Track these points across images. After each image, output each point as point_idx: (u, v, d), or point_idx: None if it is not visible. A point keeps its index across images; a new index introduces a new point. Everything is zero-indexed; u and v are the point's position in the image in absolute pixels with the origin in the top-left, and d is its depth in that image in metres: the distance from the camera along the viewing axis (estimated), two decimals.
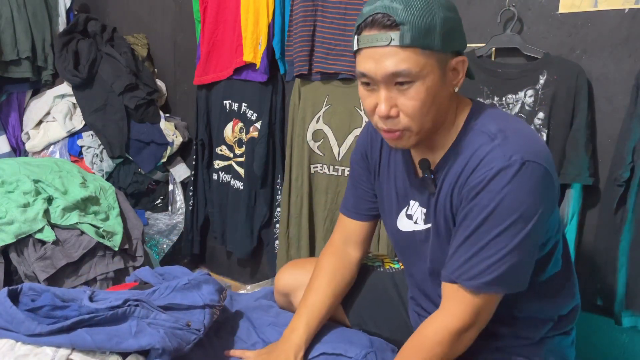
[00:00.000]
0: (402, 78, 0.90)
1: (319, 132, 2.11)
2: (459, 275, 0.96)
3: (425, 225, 1.08)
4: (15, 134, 2.65)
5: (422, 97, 0.92)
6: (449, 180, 1.00)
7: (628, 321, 1.49)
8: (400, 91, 0.92)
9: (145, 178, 2.66)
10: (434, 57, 0.90)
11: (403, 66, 0.89)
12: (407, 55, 0.89)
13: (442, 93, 0.95)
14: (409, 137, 0.97)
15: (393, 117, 0.94)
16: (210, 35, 2.37)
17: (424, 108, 0.93)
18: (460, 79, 0.97)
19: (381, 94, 0.93)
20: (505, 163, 0.90)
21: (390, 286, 1.33)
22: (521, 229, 0.91)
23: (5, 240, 1.63)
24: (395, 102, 0.93)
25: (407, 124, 0.95)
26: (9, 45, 2.44)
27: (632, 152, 1.45)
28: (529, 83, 1.59)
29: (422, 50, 0.89)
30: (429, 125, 0.96)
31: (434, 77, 0.92)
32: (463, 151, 0.98)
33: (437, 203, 1.03)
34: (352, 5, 1.94)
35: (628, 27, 1.49)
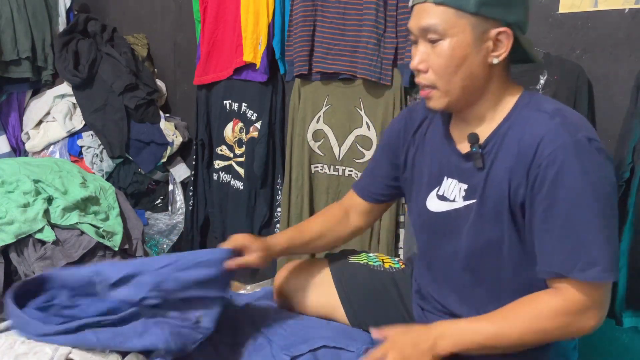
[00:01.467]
0: (432, 34, 0.96)
1: (319, 132, 2.11)
2: (571, 268, 0.91)
3: (466, 202, 1.05)
4: (15, 134, 2.65)
5: (448, 55, 0.95)
6: (504, 155, 0.98)
7: (629, 322, 1.49)
8: (432, 48, 0.97)
9: (145, 178, 2.66)
10: (466, 18, 0.94)
11: (432, 21, 0.95)
12: (439, 11, 0.94)
13: (475, 59, 0.96)
14: (438, 97, 1.01)
15: (422, 71, 1.00)
16: (210, 35, 2.37)
17: (449, 67, 0.96)
18: (503, 52, 0.97)
19: (418, 48, 1.00)
20: (573, 139, 0.90)
21: (390, 286, 1.32)
22: (607, 205, 0.91)
23: (5, 240, 1.63)
24: (428, 57, 0.98)
25: (433, 81, 0.99)
26: (9, 45, 2.44)
27: (632, 152, 1.45)
28: (529, 83, 1.58)
29: (456, 11, 0.93)
30: (457, 89, 0.99)
31: (464, 39, 0.95)
32: (518, 127, 0.97)
33: (487, 178, 1.00)
34: (351, 5, 1.94)
35: (628, 27, 1.49)
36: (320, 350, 1.15)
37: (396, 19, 1.87)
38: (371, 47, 1.89)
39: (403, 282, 1.32)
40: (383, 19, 1.88)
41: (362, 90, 2.00)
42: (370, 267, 1.35)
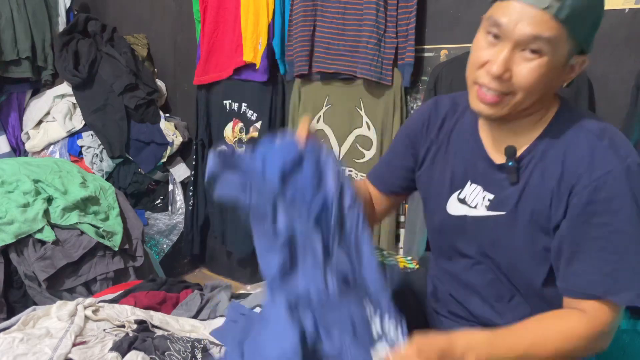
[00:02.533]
0: (537, 46, 0.87)
1: (320, 132, 2.11)
2: (605, 290, 0.90)
3: (490, 212, 1.02)
4: (15, 134, 2.65)
5: (544, 72, 0.88)
6: (543, 173, 0.95)
7: (625, 323, 1.49)
8: (524, 58, 0.89)
9: (145, 178, 2.66)
10: (571, 43, 0.89)
11: (547, 32, 0.86)
12: (556, 27, 0.86)
13: (556, 81, 0.93)
14: (504, 105, 0.93)
15: (504, 80, 0.90)
16: (210, 35, 2.37)
17: (538, 84, 0.90)
18: (572, 77, 0.95)
19: (503, 53, 0.89)
20: (622, 165, 0.88)
21: (404, 287, 1.28)
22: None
23: (5, 240, 1.63)
24: (512, 66, 0.89)
25: (513, 91, 0.91)
26: (9, 45, 2.44)
27: None
28: None
29: (568, 33, 0.87)
30: (528, 103, 0.93)
31: (559, 62, 0.90)
32: (560, 144, 0.94)
33: (522, 193, 0.97)
34: (351, 5, 1.94)
35: (628, 27, 1.49)
36: None
37: (396, 18, 1.87)
38: (371, 47, 1.89)
39: (418, 284, 1.28)
40: (383, 19, 1.87)
41: (362, 90, 2.00)
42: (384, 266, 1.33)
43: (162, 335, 1.20)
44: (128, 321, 1.27)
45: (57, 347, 1.14)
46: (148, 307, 1.39)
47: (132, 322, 1.26)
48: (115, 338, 1.20)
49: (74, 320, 1.25)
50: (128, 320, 1.27)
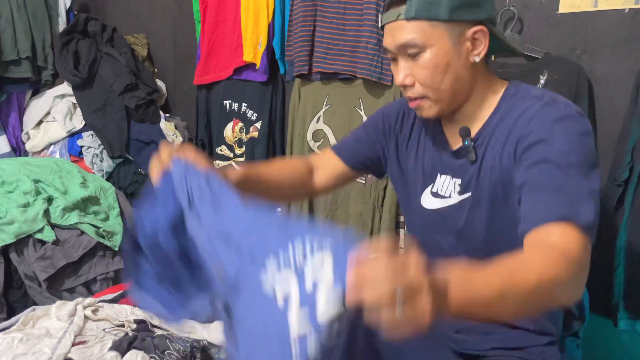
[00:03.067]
0: (410, 49, 0.96)
1: (319, 132, 2.11)
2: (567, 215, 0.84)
3: (461, 196, 1.05)
4: (15, 134, 2.65)
5: (432, 65, 0.96)
6: (494, 145, 0.99)
7: (624, 324, 1.49)
8: (414, 61, 0.98)
9: (145, 178, 2.66)
10: (441, 26, 0.95)
11: (409, 37, 0.95)
12: (413, 27, 0.95)
13: (458, 62, 0.98)
14: (429, 106, 1.02)
15: (409, 85, 1.00)
16: (210, 35, 2.37)
17: (435, 75, 0.97)
18: (483, 49, 0.98)
19: (399, 65, 1.00)
20: (563, 112, 0.91)
21: None
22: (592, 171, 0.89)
23: (5, 240, 1.63)
24: (411, 71, 0.99)
25: (422, 92, 1.00)
26: (9, 45, 2.44)
27: (631, 152, 1.45)
28: (529, 83, 1.58)
29: (429, 22, 0.94)
30: (447, 94, 1.00)
31: (444, 46, 0.96)
32: (507, 116, 0.99)
33: (480, 169, 1.01)
34: (351, 5, 1.94)
35: (628, 27, 1.49)
36: None
37: None
38: (371, 47, 1.89)
39: None
40: None
41: (362, 90, 2.00)
42: None
43: (162, 334, 1.21)
44: (127, 321, 1.27)
45: (56, 347, 1.14)
46: None
47: (132, 321, 1.27)
48: (114, 337, 1.20)
49: (74, 320, 1.25)
50: (127, 319, 1.27)
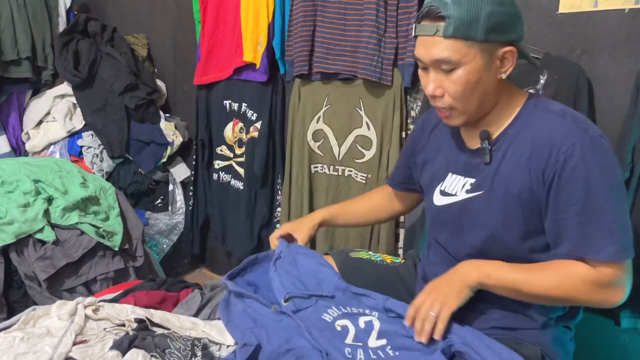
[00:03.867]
0: (444, 64, 1.02)
1: (319, 132, 2.11)
2: (586, 250, 0.99)
3: (469, 195, 1.13)
4: (15, 134, 2.65)
5: (463, 81, 1.02)
6: (514, 152, 1.06)
7: (627, 322, 1.49)
8: (445, 75, 1.04)
9: (145, 178, 2.66)
10: (476, 46, 1.00)
11: (445, 54, 1.01)
12: (449, 44, 1.00)
13: (487, 79, 1.04)
14: (457, 116, 1.09)
15: (438, 96, 1.06)
16: (210, 35, 2.37)
17: (465, 91, 1.03)
18: (509, 68, 1.05)
19: (430, 76, 1.06)
20: (586, 135, 0.98)
21: (395, 278, 1.36)
22: (620, 192, 1.00)
23: (5, 240, 1.63)
24: (442, 84, 1.05)
25: (451, 104, 1.06)
26: (9, 45, 2.44)
27: (631, 152, 1.45)
28: (529, 83, 1.59)
29: (465, 41, 0.99)
30: (474, 107, 1.07)
31: (477, 65, 1.01)
32: (528, 127, 1.05)
33: (497, 172, 1.08)
34: (352, 5, 1.94)
35: (628, 27, 1.49)
36: None
37: (397, 19, 1.87)
38: (372, 47, 1.89)
39: (407, 275, 1.36)
40: (384, 19, 1.88)
41: (362, 90, 2.00)
42: (374, 262, 1.39)
43: (162, 333, 1.20)
44: (128, 320, 1.27)
45: (57, 346, 1.14)
46: (148, 306, 1.39)
47: (132, 320, 1.26)
48: (115, 337, 1.20)
49: (74, 320, 1.24)
50: (128, 319, 1.27)
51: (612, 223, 0.98)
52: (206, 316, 1.40)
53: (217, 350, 1.17)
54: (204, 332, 1.27)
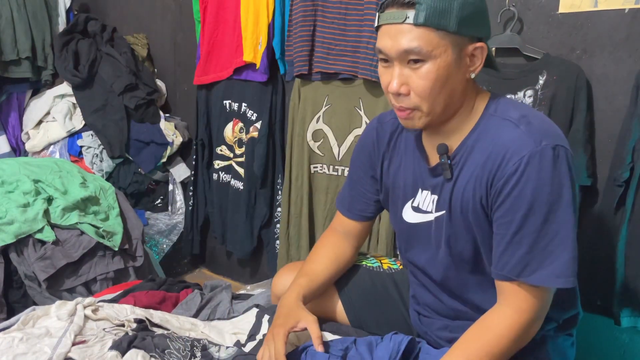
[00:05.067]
0: (414, 55, 0.93)
1: (319, 132, 2.11)
2: (519, 272, 0.94)
3: (437, 213, 1.07)
4: (15, 134, 2.65)
5: (433, 77, 0.93)
6: (470, 166, 1.00)
7: (627, 321, 1.49)
8: (412, 70, 0.94)
9: (145, 178, 2.66)
10: (448, 38, 0.92)
11: (415, 44, 0.91)
12: (420, 33, 0.91)
13: (456, 77, 0.96)
14: (419, 117, 0.99)
15: (403, 94, 0.96)
16: (210, 35, 2.37)
17: (434, 88, 0.94)
18: (478, 66, 0.98)
19: (394, 71, 0.96)
20: (537, 148, 0.91)
21: (390, 286, 1.33)
22: (566, 212, 0.92)
23: (5, 240, 1.63)
24: (407, 80, 0.95)
25: (417, 103, 0.97)
26: (9, 45, 2.44)
27: (631, 152, 1.45)
28: (529, 83, 1.59)
29: (436, 31, 0.91)
30: (440, 108, 0.97)
31: (447, 59, 0.93)
32: (485, 137, 0.99)
33: (454, 189, 1.02)
34: (352, 5, 1.94)
35: (628, 27, 1.49)
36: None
37: None
38: (372, 47, 1.89)
39: (403, 282, 1.33)
40: None
41: (362, 90, 2.00)
42: (370, 269, 1.36)
43: (162, 334, 1.21)
44: (127, 320, 1.27)
45: (56, 347, 1.14)
46: (148, 306, 1.39)
47: (132, 321, 1.26)
48: (114, 337, 1.20)
49: (74, 320, 1.25)
50: (127, 319, 1.27)
51: (549, 246, 0.92)
52: (206, 317, 1.41)
53: (216, 351, 1.17)
54: (203, 333, 1.27)
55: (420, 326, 1.22)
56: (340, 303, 1.32)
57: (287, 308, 1.14)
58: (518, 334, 0.95)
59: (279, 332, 1.07)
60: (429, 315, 1.20)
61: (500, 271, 0.97)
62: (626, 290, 1.48)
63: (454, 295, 1.13)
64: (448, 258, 1.08)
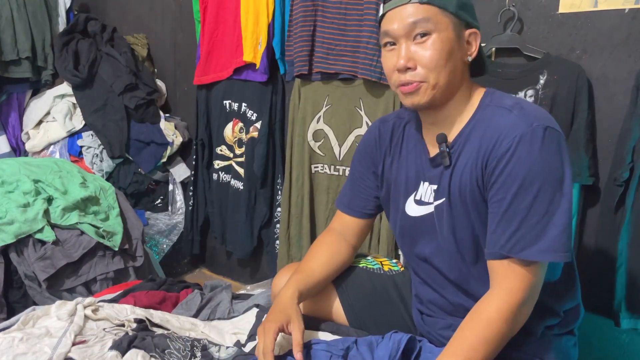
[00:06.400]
0: (420, 28, 1.01)
1: (320, 132, 2.11)
2: (510, 249, 0.96)
3: (437, 202, 1.10)
4: (15, 134, 2.65)
5: (438, 47, 1.01)
6: (467, 152, 1.04)
7: (627, 323, 1.49)
8: (419, 44, 1.02)
9: (145, 178, 2.66)
10: (449, 17, 1.01)
11: (421, 15, 1.00)
12: (426, 9, 1.01)
13: (457, 55, 1.03)
14: (425, 90, 1.03)
15: (411, 68, 1.02)
16: (210, 35, 2.37)
17: (440, 59, 1.01)
18: (474, 52, 1.06)
19: (401, 48, 1.03)
20: (529, 129, 0.94)
21: (391, 288, 1.33)
22: (557, 190, 0.94)
23: (5, 240, 1.63)
24: (414, 55, 1.02)
25: (424, 75, 1.02)
26: (9, 45, 2.44)
27: (631, 152, 1.45)
28: (529, 83, 1.59)
29: (439, 9, 1.01)
30: (444, 81, 1.02)
31: (450, 35, 1.02)
32: (480, 124, 1.03)
33: (452, 175, 1.06)
34: (352, 5, 1.94)
35: (628, 27, 1.49)
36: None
37: None
38: (372, 47, 1.89)
39: (404, 285, 1.32)
40: None
41: (362, 90, 2.00)
42: (370, 271, 1.36)
43: (162, 334, 1.20)
44: (128, 320, 1.27)
45: (56, 347, 1.14)
46: (148, 306, 1.39)
47: (132, 321, 1.26)
48: (115, 337, 1.20)
49: (74, 320, 1.25)
50: (127, 319, 1.27)
51: (543, 221, 0.93)
52: (206, 317, 1.41)
53: (216, 351, 1.17)
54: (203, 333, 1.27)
55: (423, 326, 1.22)
56: (340, 305, 1.32)
57: (282, 304, 1.15)
58: (509, 315, 0.96)
59: (270, 328, 1.08)
60: (432, 313, 1.20)
61: (491, 249, 0.99)
62: (627, 290, 1.48)
63: (458, 288, 1.13)
64: (452, 246, 1.09)
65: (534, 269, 0.96)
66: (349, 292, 1.32)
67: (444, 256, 1.12)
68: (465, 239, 1.07)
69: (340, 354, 1.08)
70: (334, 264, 1.29)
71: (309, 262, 1.28)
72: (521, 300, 0.96)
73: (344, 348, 1.10)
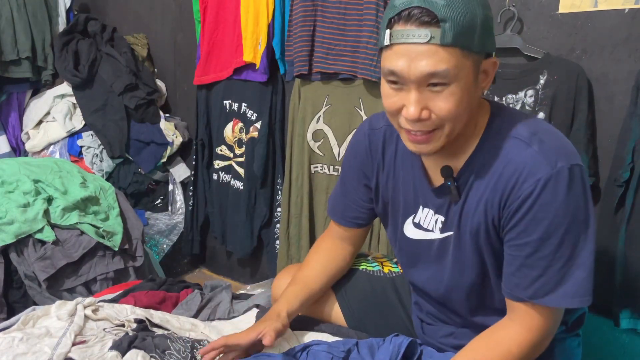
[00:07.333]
0: (438, 79, 0.84)
1: (319, 132, 2.11)
2: (532, 294, 0.92)
3: (443, 234, 1.04)
4: (15, 134, 2.65)
5: (457, 99, 0.85)
6: (478, 187, 0.95)
7: (626, 323, 1.49)
8: (433, 92, 0.86)
9: (145, 178, 2.66)
10: (471, 58, 0.85)
11: (442, 66, 0.82)
12: (447, 54, 0.82)
13: (474, 95, 0.90)
14: (438, 138, 0.91)
15: (424, 120, 0.88)
16: (210, 35, 2.37)
17: (459, 110, 0.87)
18: (489, 82, 0.93)
19: (411, 96, 0.87)
20: (553, 171, 0.87)
21: (390, 291, 1.31)
22: (582, 232, 0.89)
23: (5, 240, 1.63)
24: (427, 103, 0.87)
25: (438, 123, 0.89)
26: (9, 45, 2.44)
27: (631, 152, 1.45)
28: (529, 83, 1.59)
29: (462, 51, 0.83)
30: (459, 128, 0.91)
31: (469, 80, 0.86)
32: (493, 157, 0.93)
33: (462, 211, 0.98)
34: (352, 5, 1.94)
35: (628, 27, 1.49)
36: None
37: None
38: (371, 47, 1.89)
39: (403, 287, 1.31)
40: None
41: (362, 90, 2.00)
42: (370, 273, 1.34)
43: (162, 334, 1.20)
44: (128, 320, 1.27)
45: (56, 347, 1.14)
46: (148, 306, 1.39)
47: (132, 321, 1.26)
48: (115, 337, 1.20)
49: (74, 320, 1.24)
50: (128, 319, 1.27)
51: (564, 267, 0.89)
52: (206, 317, 1.40)
53: None
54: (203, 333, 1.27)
55: (423, 336, 1.21)
56: (339, 307, 1.32)
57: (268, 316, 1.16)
58: (528, 351, 0.94)
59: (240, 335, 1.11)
60: (433, 323, 1.19)
61: (512, 291, 0.95)
62: (626, 291, 1.48)
63: (456, 313, 1.12)
64: (452, 280, 1.06)
65: (556, 311, 0.95)
66: (347, 295, 1.31)
67: (439, 286, 1.10)
68: (471, 273, 1.03)
69: (341, 355, 1.08)
70: (331, 271, 1.27)
71: (305, 270, 1.26)
72: (541, 338, 0.95)
73: (345, 350, 1.10)
